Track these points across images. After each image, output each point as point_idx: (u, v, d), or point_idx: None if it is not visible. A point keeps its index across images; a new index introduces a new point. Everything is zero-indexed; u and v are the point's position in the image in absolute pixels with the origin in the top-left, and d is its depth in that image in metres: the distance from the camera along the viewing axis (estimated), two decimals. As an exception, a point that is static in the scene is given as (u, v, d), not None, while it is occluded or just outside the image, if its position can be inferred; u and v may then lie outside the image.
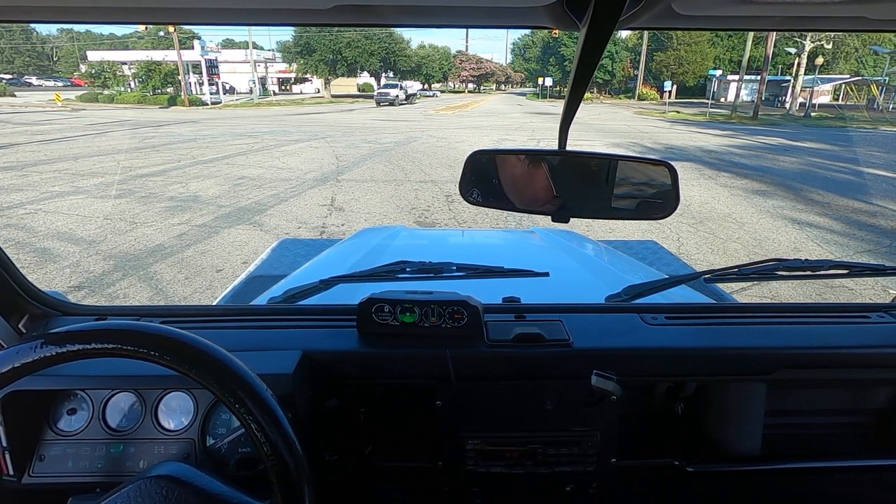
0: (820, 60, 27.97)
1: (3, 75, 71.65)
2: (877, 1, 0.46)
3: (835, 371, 0.98)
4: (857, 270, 1.15)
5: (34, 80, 69.98)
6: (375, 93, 37.83)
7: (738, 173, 10.01)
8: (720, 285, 1.59)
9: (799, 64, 28.03)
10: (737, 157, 12.47)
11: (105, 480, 0.83)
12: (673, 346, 0.96)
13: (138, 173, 9.13)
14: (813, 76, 29.77)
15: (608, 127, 19.84)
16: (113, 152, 11.67)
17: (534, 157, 0.97)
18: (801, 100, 29.67)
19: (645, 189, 0.95)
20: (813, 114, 27.11)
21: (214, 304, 1.73)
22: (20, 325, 0.94)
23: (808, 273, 1.12)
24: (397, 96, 36.11)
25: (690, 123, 23.22)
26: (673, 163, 0.91)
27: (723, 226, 6.34)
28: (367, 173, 9.33)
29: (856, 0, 0.47)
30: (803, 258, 1.15)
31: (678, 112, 29.73)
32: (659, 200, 0.92)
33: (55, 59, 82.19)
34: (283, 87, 60.24)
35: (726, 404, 1.01)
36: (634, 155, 1.07)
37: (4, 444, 0.83)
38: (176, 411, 0.87)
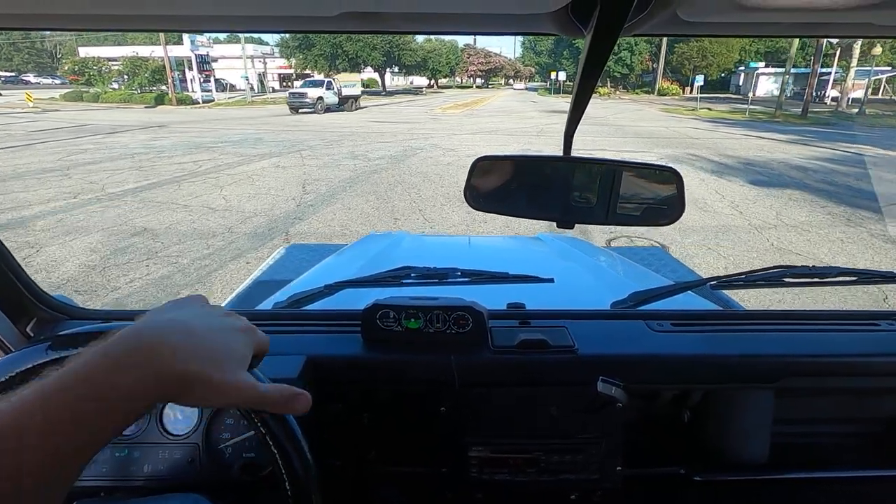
0: (878, 50, 24.66)
1: (1, 73, 69.92)
2: (883, 7, 0.46)
3: (843, 379, 0.99)
4: (865, 278, 1.14)
5: (31, 78, 68.05)
6: (287, 94, 25.84)
7: (875, 209, 6.98)
8: (727, 292, 1.60)
9: (850, 56, 24.89)
10: (845, 177, 9.22)
11: (109, 485, 0.84)
12: (679, 353, 0.97)
13: None
14: (870, 68, 26.53)
15: (643, 130, 16.81)
16: (4, 179, 8.83)
17: (539, 162, 0.99)
18: (851, 95, 26.53)
19: (650, 195, 0.93)
20: (868, 110, 23.94)
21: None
22: (28, 329, 0.94)
23: (816, 280, 1.11)
24: (320, 99, 23.63)
25: (734, 124, 20.10)
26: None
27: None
28: (337, 217, 6.42)
29: (862, 6, 0.46)
30: (810, 265, 1.14)
31: (710, 109, 26.64)
32: (664, 206, 0.90)
33: (58, 57, 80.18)
34: (284, 84, 57.63)
35: (733, 412, 1.00)
36: (639, 161, 0.96)
37: None
38: (180, 416, 0.87)
